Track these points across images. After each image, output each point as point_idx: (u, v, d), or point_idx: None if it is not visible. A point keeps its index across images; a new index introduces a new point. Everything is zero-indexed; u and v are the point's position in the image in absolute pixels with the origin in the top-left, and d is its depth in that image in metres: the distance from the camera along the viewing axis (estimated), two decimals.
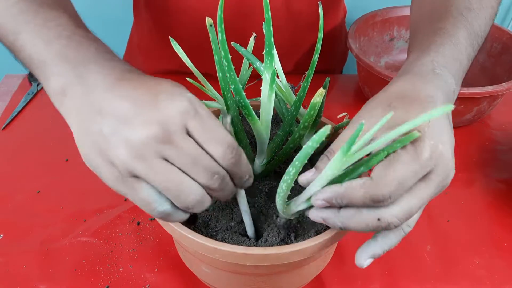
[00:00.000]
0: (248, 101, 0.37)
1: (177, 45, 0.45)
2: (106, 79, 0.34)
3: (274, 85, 0.36)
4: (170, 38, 0.45)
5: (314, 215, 0.34)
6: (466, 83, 0.75)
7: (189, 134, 0.32)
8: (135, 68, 0.37)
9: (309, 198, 0.34)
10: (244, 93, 0.37)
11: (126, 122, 0.31)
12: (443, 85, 0.37)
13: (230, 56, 0.36)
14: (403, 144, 0.30)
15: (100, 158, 0.32)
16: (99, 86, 0.33)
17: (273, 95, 0.36)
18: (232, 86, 0.37)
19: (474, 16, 0.45)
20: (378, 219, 0.31)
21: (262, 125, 0.38)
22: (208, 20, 0.35)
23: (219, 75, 0.38)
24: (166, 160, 0.31)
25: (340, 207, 0.32)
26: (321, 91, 0.34)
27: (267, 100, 0.36)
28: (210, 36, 0.36)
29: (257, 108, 0.46)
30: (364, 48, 0.82)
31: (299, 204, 0.35)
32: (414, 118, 0.27)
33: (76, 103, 0.34)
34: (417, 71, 0.38)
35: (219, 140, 0.32)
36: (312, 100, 0.35)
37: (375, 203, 0.30)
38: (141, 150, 0.31)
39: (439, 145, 0.32)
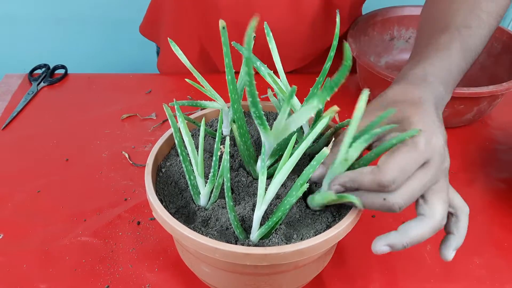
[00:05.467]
0: (263, 112, 0.35)
1: (176, 46, 0.45)
2: None
3: (289, 117, 0.34)
4: (169, 39, 0.45)
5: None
6: (466, 83, 0.76)
7: None
8: None
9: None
10: (260, 106, 0.34)
11: None
12: (433, 91, 0.42)
13: (253, 72, 0.32)
14: (404, 138, 0.35)
15: None
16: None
17: (289, 128, 0.35)
18: (250, 99, 0.33)
19: (471, 34, 0.50)
20: (384, 199, 0.35)
21: (272, 136, 0.37)
22: (221, 23, 0.34)
23: (228, 78, 0.37)
24: None
25: (353, 190, 0.37)
26: (335, 109, 0.33)
27: (281, 129, 0.35)
28: (222, 38, 0.35)
29: (264, 109, 0.45)
30: (364, 48, 0.82)
31: (321, 195, 0.38)
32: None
33: None
34: (410, 79, 0.44)
35: None
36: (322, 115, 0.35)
37: (381, 188, 0.35)
38: None
39: (433, 137, 0.37)
